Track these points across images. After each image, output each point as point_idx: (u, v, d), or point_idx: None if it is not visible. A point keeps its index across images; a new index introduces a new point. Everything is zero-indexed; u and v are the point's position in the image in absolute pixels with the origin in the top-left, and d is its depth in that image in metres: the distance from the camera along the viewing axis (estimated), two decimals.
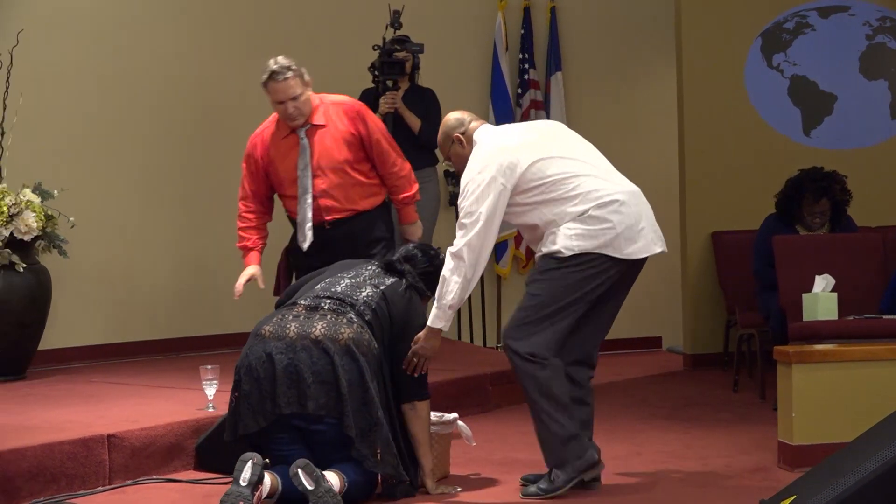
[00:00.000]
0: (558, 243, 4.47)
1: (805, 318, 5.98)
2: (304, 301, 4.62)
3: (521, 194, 4.51)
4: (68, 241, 6.55)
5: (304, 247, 5.40)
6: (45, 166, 6.88)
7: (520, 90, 8.82)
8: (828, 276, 6.08)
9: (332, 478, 4.29)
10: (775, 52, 8.15)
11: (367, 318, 4.55)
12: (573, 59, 8.97)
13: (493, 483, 4.83)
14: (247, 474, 4.13)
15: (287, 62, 5.30)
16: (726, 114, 8.08)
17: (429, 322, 4.55)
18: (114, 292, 7.56)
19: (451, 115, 4.81)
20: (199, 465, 5.02)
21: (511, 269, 8.82)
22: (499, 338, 7.89)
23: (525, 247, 8.66)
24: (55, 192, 6.51)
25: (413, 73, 7.02)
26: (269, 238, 5.62)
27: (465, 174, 4.56)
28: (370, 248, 5.43)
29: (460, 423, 4.90)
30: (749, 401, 6.73)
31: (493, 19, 8.78)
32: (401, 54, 6.78)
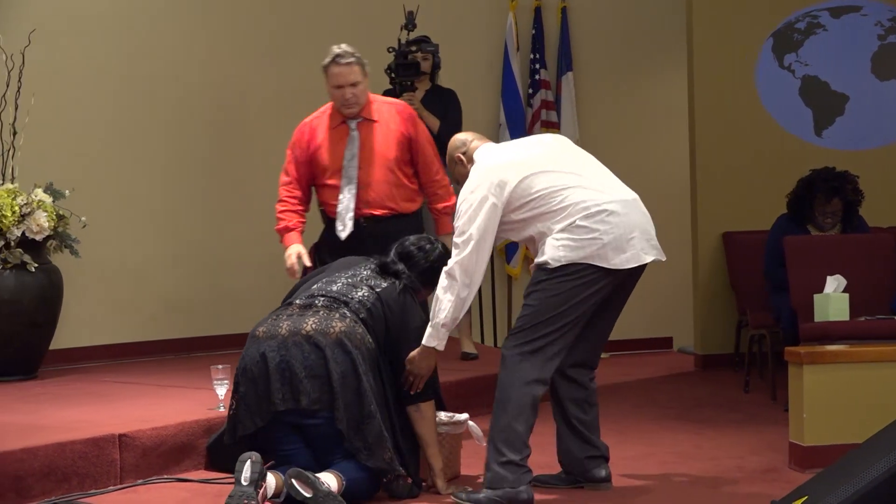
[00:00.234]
0: (546, 254, 4.47)
1: (816, 319, 5.97)
2: (299, 301, 4.65)
3: (514, 211, 4.52)
4: (80, 241, 6.57)
5: (343, 236, 5.38)
6: (57, 166, 6.90)
7: (531, 90, 8.81)
8: (839, 276, 6.07)
9: (328, 479, 4.29)
10: (787, 53, 8.14)
11: (362, 315, 4.56)
12: (584, 59, 8.97)
13: None
14: (247, 473, 4.15)
15: (351, 49, 5.37)
16: (737, 114, 8.07)
17: (423, 341, 4.55)
18: (125, 292, 7.57)
19: (457, 136, 4.88)
20: (210, 465, 5.02)
21: (521, 270, 8.82)
22: None
23: None
24: (67, 191, 6.53)
25: (434, 73, 7.03)
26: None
27: (460, 194, 4.59)
28: None
29: (471, 423, 4.89)
30: (760, 401, 6.72)
31: (504, 19, 8.77)
32: (417, 56, 6.79)
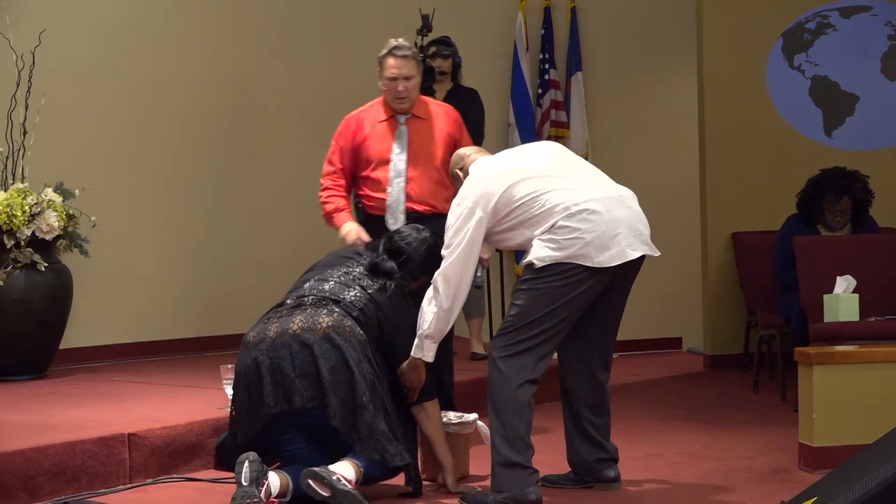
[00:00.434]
0: (532, 255, 4.47)
1: (826, 320, 5.97)
2: (290, 301, 4.64)
3: (501, 221, 4.51)
4: (90, 241, 6.58)
5: (395, 228, 5.39)
6: (67, 166, 6.90)
7: (540, 90, 8.80)
8: (849, 277, 6.06)
9: (344, 469, 4.29)
10: (797, 53, 8.13)
11: (354, 314, 4.54)
12: (594, 59, 8.96)
13: None
14: (246, 474, 4.17)
15: (408, 43, 5.44)
16: (747, 114, 8.06)
17: (411, 353, 4.57)
18: (135, 291, 7.57)
19: (457, 152, 4.92)
20: (220, 465, 4.99)
21: None
22: None
23: None
24: (77, 191, 6.53)
25: (455, 73, 7.04)
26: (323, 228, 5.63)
27: (451, 207, 4.61)
28: None
29: (480, 423, 4.89)
30: (770, 402, 6.71)
31: (514, 19, 8.77)
32: (435, 62, 6.81)
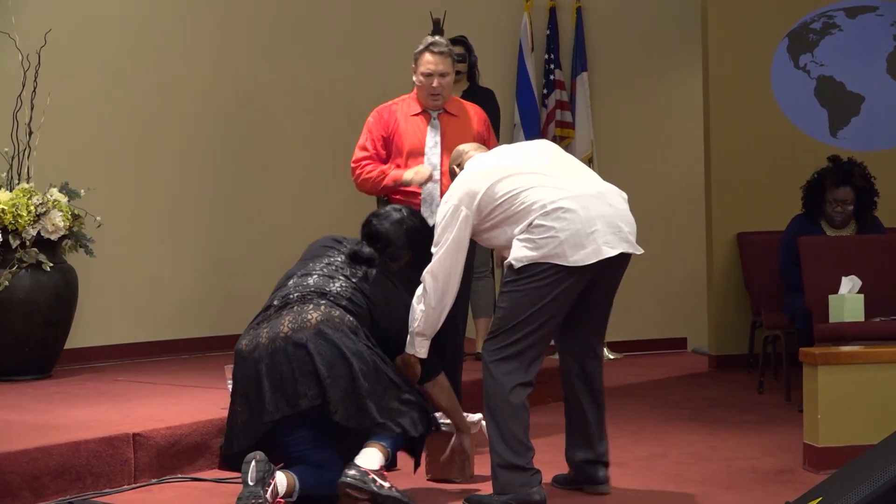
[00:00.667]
0: (511, 256, 4.47)
1: (831, 320, 5.96)
2: (276, 302, 4.61)
3: (485, 219, 4.50)
4: (95, 241, 6.58)
5: (432, 222, 5.41)
6: (72, 166, 6.90)
7: (545, 90, 8.79)
8: (854, 277, 6.05)
9: (371, 457, 4.28)
10: (802, 53, 8.12)
11: (343, 304, 4.52)
12: (599, 59, 8.95)
13: None
14: (252, 474, 4.18)
15: (444, 41, 5.49)
16: (753, 114, 8.05)
17: (405, 348, 4.58)
18: (140, 291, 7.58)
19: (457, 148, 4.93)
20: (224, 465, 5.01)
21: None
22: None
23: None
24: (82, 191, 6.54)
25: (471, 72, 7.04)
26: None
27: (440, 204, 4.62)
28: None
29: (484, 423, 4.89)
30: (774, 402, 6.70)
31: (519, 19, 8.76)
32: None
